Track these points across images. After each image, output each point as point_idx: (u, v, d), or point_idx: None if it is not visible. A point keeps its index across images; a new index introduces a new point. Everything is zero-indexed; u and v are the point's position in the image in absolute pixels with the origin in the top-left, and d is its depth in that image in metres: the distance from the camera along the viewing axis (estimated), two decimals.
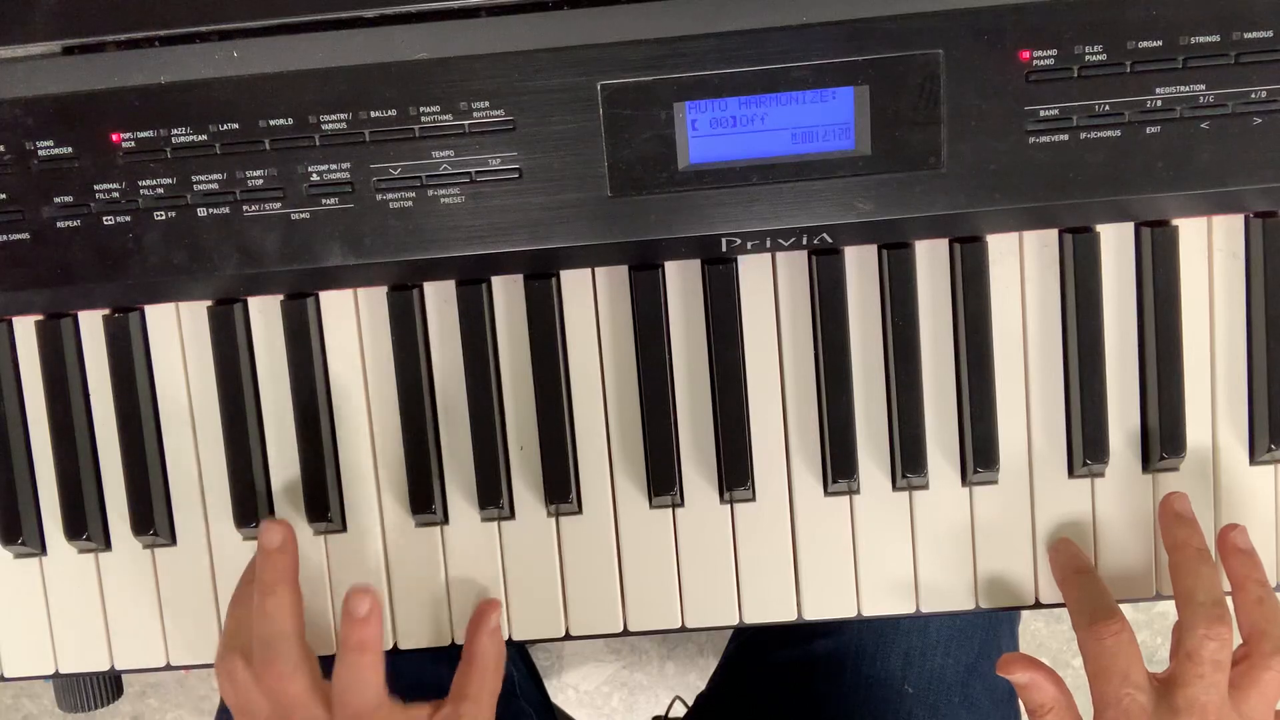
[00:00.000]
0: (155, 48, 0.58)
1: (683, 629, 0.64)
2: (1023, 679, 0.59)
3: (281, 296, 0.63)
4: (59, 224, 0.59)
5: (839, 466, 0.61)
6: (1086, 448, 0.61)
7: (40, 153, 0.58)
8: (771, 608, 0.63)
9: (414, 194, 0.58)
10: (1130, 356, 0.62)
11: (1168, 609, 0.57)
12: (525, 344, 0.62)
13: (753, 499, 0.63)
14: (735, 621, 0.63)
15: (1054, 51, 0.56)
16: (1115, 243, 0.61)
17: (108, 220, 0.59)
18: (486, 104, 0.57)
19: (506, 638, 0.64)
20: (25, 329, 0.64)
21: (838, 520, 0.63)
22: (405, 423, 0.62)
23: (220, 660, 0.60)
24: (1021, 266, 0.62)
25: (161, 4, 0.57)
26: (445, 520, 0.64)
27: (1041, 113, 0.56)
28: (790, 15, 0.56)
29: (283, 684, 0.57)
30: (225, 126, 0.58)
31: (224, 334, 0.62)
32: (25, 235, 0.59)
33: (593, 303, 0.63)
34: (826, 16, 0.56)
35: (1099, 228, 0.61)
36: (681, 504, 0.63)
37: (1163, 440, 0.61)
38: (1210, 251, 0.61)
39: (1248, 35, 0.56)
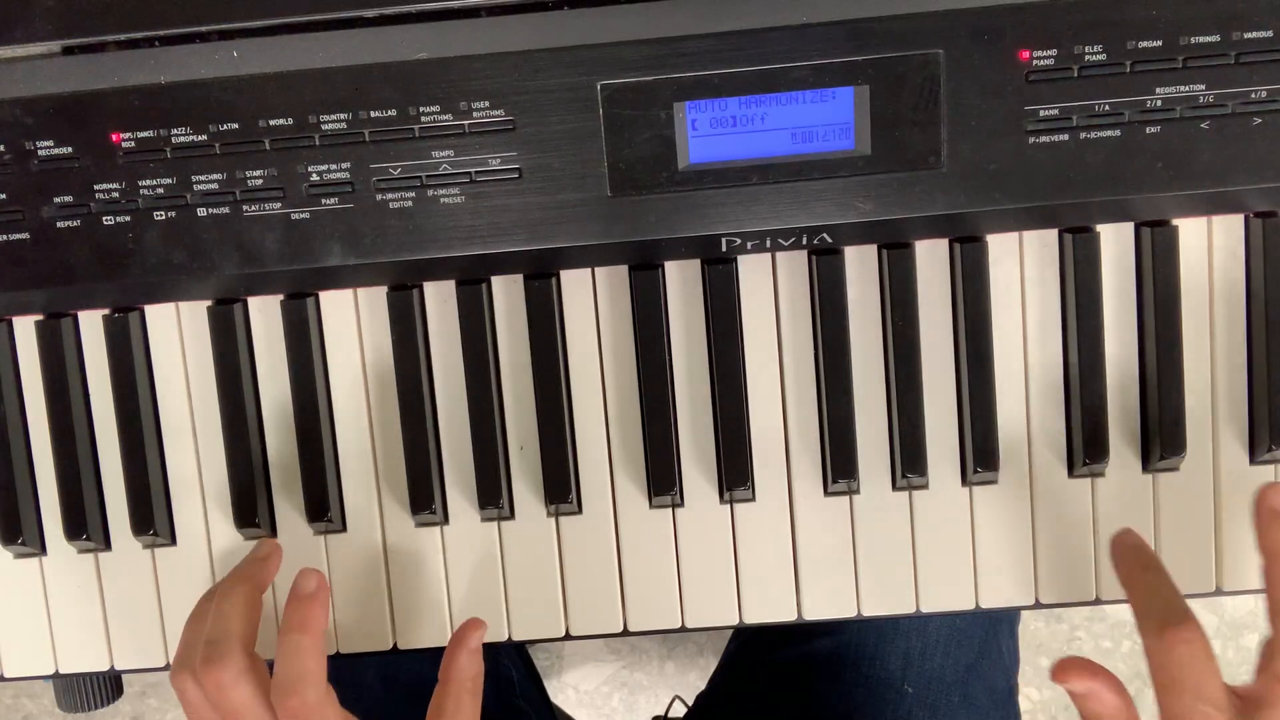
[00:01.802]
0: (155, 48, 0.58)
1: (683, 629, 0.64)
2: (1079, 688, 0.53)
3: (281, 296, 0.63)
4: (59, 224, 0.59)
5: (839, 466, 0.61)
6: (1086, 447, 0.61)
7: (40, 153, 0.58)
8: (771, 608, 0.63)
9: (414, 194, 0.58)
10: (1130, 356, 0.62)
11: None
12: (525, 344, 0.62)
13: (753, 499, 0.63)
14: (735, 621, 0.63)
15: (1054, 51, 0.56)
16: (1115, 243, 0.61)
17: (108, 220, 0.59)
18: (486, 104, 0.57)
19: (506, 638, 0.64)
20: (25, 329, 0.64)
21: (838, 520, 0.63)
22: (405, 423, 0.62)
23: (172, 677, 0.57)
24: (1021, 266, 0.62)
25: (161, 4, 0.57)
26: (445, 520, 0.64)
27: (1041, 113, 0.56)
28: (790, 15, 0.56)
29: (224, 692, 0.54)
30: (225, 126, 0.58)
31: (224, 334, 0.62)
32: (25, 235, 0.59)
33: (593, 303, 0.63)
34: (826, 16, 0.56)
35: (1099, 228, 0.61)
36: (681, 504, 0.63)
37: (1163, 440, 0.61)
38: (1210, 251, 0.61)
39: (1248, 35, 0.56)
